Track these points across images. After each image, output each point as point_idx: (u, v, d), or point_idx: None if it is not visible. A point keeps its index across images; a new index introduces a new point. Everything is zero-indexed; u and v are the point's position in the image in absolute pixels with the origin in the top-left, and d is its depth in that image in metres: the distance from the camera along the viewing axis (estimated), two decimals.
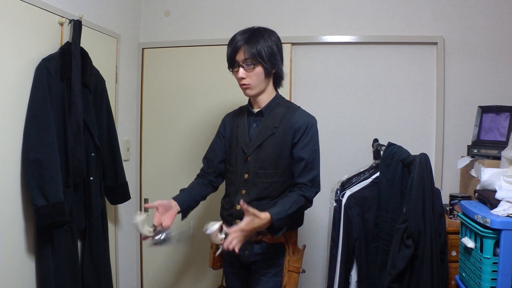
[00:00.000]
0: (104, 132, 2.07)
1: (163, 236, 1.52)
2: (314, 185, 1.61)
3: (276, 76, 1.71)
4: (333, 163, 2.40)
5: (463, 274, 1.65)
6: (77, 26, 1.84)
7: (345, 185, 2.14)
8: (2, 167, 1.59)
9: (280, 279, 1.64)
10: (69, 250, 1.77)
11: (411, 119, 2.36)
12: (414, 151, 1.76)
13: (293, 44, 2.41)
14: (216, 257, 1.78)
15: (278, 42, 1.66)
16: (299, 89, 2.45)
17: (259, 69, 1.61)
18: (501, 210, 1.46)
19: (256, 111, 1.70)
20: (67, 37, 1.87)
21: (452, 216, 1.94)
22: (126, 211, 2.46)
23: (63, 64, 1.75)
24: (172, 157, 2.59)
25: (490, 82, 2.28)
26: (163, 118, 2.60)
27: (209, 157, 1.82)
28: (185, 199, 1.67)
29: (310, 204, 1.62)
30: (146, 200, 2.63)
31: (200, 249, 2.48)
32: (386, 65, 2.38)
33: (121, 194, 2.21)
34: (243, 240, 1.44)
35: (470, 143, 2.11)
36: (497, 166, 1.75)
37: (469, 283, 1.58)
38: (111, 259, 2.15)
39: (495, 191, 1.58)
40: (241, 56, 1.60)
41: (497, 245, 1.42)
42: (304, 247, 1.77)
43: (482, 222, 1.46)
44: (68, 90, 1.76)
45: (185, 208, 1.65)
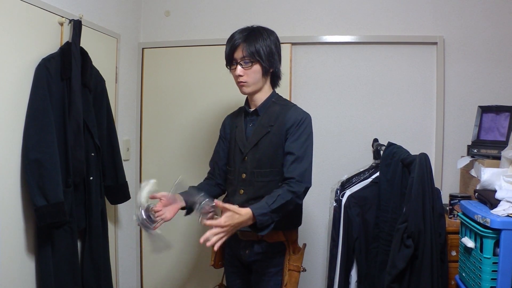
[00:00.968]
0: (104, 132, 2.07)
1: (149, 227, 1.50)
2: (303, 180, 1.53)
3: (273, 76, 1.70)
4: (333, 163, 2.40)
5: (463, 274, 1.65)
6: (77, 26, 1.84)
7: (345, 185, 2.14)
8: (2, 167, 1.59)
9: (281, 278, 1.63)
10: (69, 250, 1.77)
11: (411, 119, 2.36)
12: (414, 151, 1.76)
13: (293, 44, 2.41)
14: (217, 256, 1.78)
15: (276, 42, 1.66)
16: (299, 89, 2.45)
17: (256, 67, 1.60)
18: (501, 210, 1.46)
19: (252, 110, 1.70)
20: (67, 37, 1.86)
21: (452, 216, 1.94)
22: (126, 211, 2.46)
23: (63, 64, 1.75)
24: (172, 157, 2.59)
25: (490, 82, 2.28)
26: (163, 118, 2.60)
27: (214, 160, 1.82)
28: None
29: (299, 199, 1.54)
30: None
31: (200, 248, 2.48)
32: (386, 65, 2.38)
33: (121, 194, 2.21)
34: (223, 238, 1.37)
35: (470, 143, 2.11)
36: (497, 166, 1.75)
37: (469, 283, 1.58)
38: (111, 259, 2.15)
39: (495, 191, 1.58)
40: (239, 54, 1.60)
41: (497, 245, 1.42)
42: (305, 246, 1.76)
43: (482, 222, 1.46)
44: (68, 90, 1.76)
45: (189, 205, 1.60)
